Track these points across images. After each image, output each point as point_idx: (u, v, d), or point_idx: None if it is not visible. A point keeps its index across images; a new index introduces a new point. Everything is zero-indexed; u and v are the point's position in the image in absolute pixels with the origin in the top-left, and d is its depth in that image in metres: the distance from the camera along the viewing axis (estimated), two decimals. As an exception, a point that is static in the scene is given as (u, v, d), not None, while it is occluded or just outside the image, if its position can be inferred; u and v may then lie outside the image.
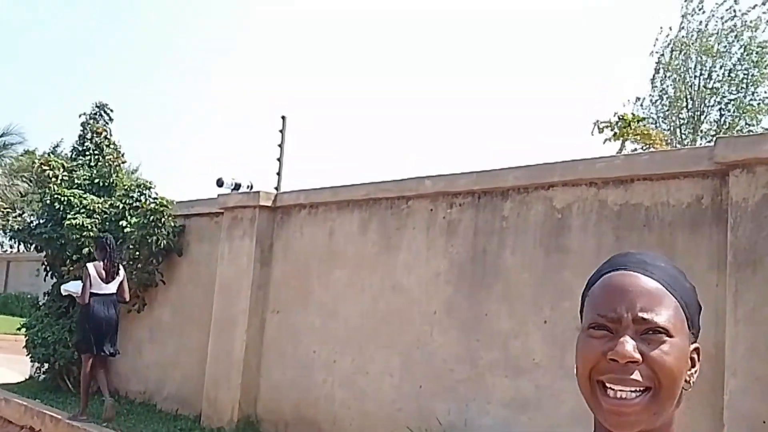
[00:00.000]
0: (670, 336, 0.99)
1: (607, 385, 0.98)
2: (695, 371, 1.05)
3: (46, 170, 8.92)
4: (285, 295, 7.05)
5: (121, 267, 7.55)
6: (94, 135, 9.67)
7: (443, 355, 5.48)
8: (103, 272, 7.35)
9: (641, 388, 0.97)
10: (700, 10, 19.34)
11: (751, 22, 18.66)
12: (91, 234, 8.41)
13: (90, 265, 7.37)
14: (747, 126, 18.75)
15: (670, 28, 20.02)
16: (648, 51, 20.66)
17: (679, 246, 4.21)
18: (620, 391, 0.97)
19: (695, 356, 1.05)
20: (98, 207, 8.74)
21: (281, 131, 18.71)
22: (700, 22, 19.43)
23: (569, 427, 4.46)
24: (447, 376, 5.42)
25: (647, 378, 0.97)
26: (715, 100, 19.47)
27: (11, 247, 32.38)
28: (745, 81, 19.07)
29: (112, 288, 7.42)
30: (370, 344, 6.09)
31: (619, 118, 14.30)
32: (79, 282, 7.50)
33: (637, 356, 0.97)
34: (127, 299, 7.71)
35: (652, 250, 1.12)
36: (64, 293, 7.99)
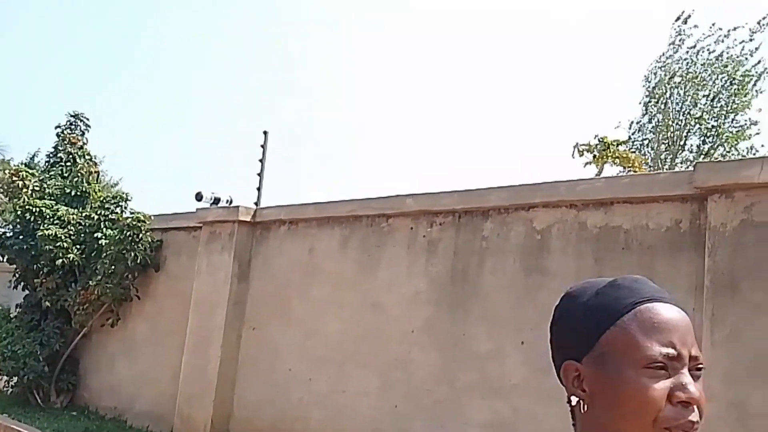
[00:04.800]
0: (701, 372, 0.96)
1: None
2: None
3: (16, 181, 8.79)
4: (262, 311, 6.98)
5: None
6: (69, 145, 9.55)
7: (421, 374, 5.44)
8: None
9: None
10: (688, 37, 19.66)
11: (737, 56, 19.03)
12: (65, 245, 8.28)
13: None
14: (726, 153, 19.01)
15: (662, 54, 20.34)
16: (638, 76, 20.93)
17: (658, 269, 4.22)
18: None
19: None
20: (72, 218, 8.62)
21: (263, 146, 18.65)
22: (687, 50, 19.75)
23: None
24: (425, 396, 5.37)
25: (698, 419, 0.93)
26: (696, 127, 19.75)
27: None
28: (725, 109, 19.38)
29: None
30: (347, 362, 6.02)
31: (599, 141, 14.41)
32: None
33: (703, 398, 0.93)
34: None
35: (631, 274, 1.07)
36: None
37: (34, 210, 8.58)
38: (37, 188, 8.94)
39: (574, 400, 1.00)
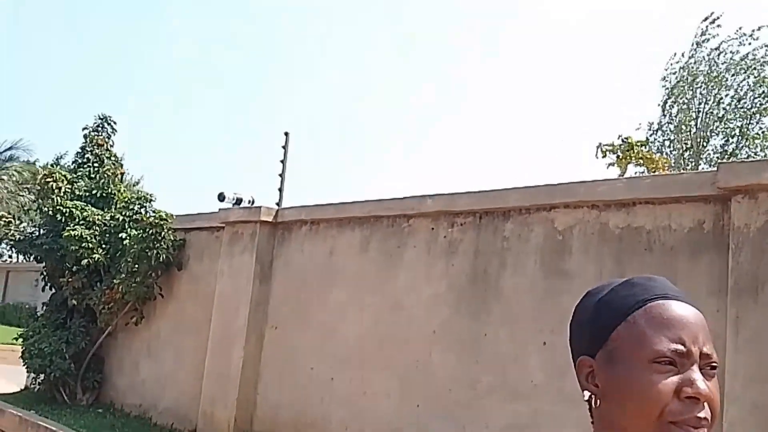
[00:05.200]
0: (715, 371, 0.96)
1: (682, 427, 0.91)
2: None
3: (49, 182, 8.94)
4: (284, 312, 7.02)
5: None
6: (95, 147, 9.70)
7: (441, 376, 5.44)
8: None
9: (706, 429, 0.92)
10: (713, 38, 19.45)
11: (762, 57, 18.80)
12: (90, 245, 8.40)
13: None
14: (752, 154, 18.78)
15: (683, 54, 20.14)
16: (660, 76, 20.70)
17: (680, 271, 4.19)
18: (695, 431, 0.91)
19: None
20: (98, 219, 8.74)
21: (284, 147, 18.74)
22: (710, 51, 19.54)
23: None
24: (445, 398, 5.37)
25: (708, 416, 0.92)
26: (720, 128, 19.54)
27: (10, 257, 32.41)
28: (751, 110, 19.16)
29: None
30: (368, 363, 6.04)
31: (622, 141, 14.31)
32: None
33: (711, 394, 0.92)
34: None
35: (653, 274, 1.07)
36: None
37: (64, 211, 8.73)
38: (68, 190, 9.09)
39: (586, 395, 1.01)
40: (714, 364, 0.95)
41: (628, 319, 0.99)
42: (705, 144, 19.68)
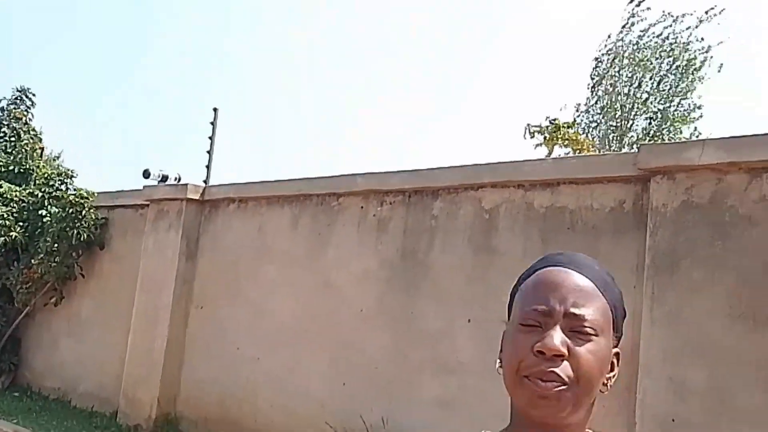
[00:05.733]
0: (596, 335, 0.98)
1: (531, 379, 0.95)
2: (614, 375, 1.03)
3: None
4: (211, 290, 6.91)
5: None
6: (13, 120, 9.28)
7: (372, 353, 5.46)
8: None
9: (561, 384, 0.95)
10: (641, 21, 19.95)
11: (683, 41, 19.41)
12: (7, 223, 8.05)
13: None
14: (672, 136, 19.45)
15: (609, 36, 20.61)
16: (591, 58, 21.18)
17: (602, 249, 4.31)
18: (543, 384, 0.94)
19: (615, 360, 1.04)
20: (16, 195, 8.38)
21: (212, 123, 18.36)
22: (638, 34, 20.06)
23: (495, 427, 4.50)
24: (375, 375, 5.40)
25: (568, 374, 0.95)
26: (642, 110, 20.13)
27: None
28: (671, 92, 19.80)
29: None
30: (297, 342, 6.02)
31: (549, 123, 14.58)
32: None
33: (564, 350, 0.95)
34: None
35: (576, 252, 1.11)
36: None
37: (-24, 187, 8.33)
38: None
39: (497, 363, 1.07)
40: (585, 326, 0.97)
41: (520, 288, 1.06)
42: (629, 126, 20.28)
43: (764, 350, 3.47)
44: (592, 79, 20.85)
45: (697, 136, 18.68)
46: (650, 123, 20.11)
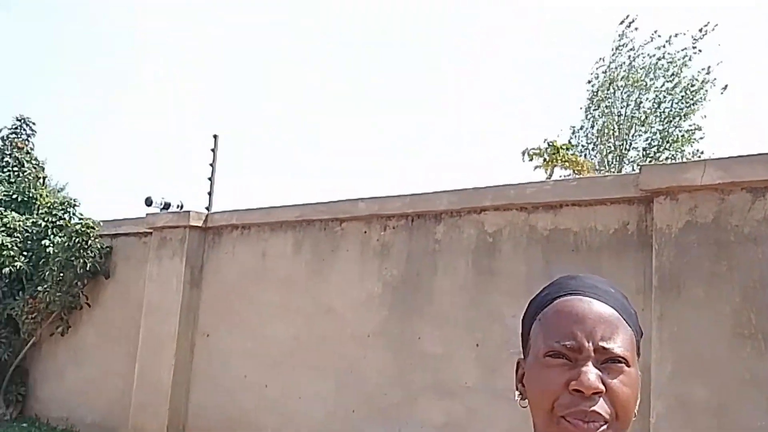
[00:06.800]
0: (628, 366, 0.96)
1: (570, 420, 0.92)
2: (639, 400, 1.01)
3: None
4: (215, 317, 6.90)
5: None
6: (14, 149, 9.33)
7: (376, 378, 5.44)
8: None
9: (603, 423, 0.92)
10: (631, 41, 20.08)
11: (679, 60, 19.51)
12: (12, 253, 8.07)
13: None
14: (673, 156, 19.48)
15: (602, 59, 20.73)
16: (585, 80, 21.29)
17: (606, 270, 4.30)
18: (586, 426, 0.91)
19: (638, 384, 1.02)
20: (19, 225, 8.41)
21: (213, 150, 18.46)
22: (629, 55, 20.17)
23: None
24: (380, 400, 5.37)
25: (607, 411, 0.92)
26: (642, 131, 20.19)
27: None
28: (671, 113, 19.86)
29: None
30: (302, 368, 5.99)
31: (548, 145, 14.66)
32: None
33: (602, 387, 0.92)
34: None
35: (580, 274, 1.09)
36: None
37: (-19, 217, 8.36)
38: (-15, 195, 8.72)
39: (516, 395, 1.03)
40: (618, 359, 0.95)
41: (538, 317, 1.02)
42: (628, 147, 20.32)
43: (772, 370, 3.45)
44: (588, 101, 20.95)
45: (699, 156, 18.72)
46: (650, 144, 20.17)
